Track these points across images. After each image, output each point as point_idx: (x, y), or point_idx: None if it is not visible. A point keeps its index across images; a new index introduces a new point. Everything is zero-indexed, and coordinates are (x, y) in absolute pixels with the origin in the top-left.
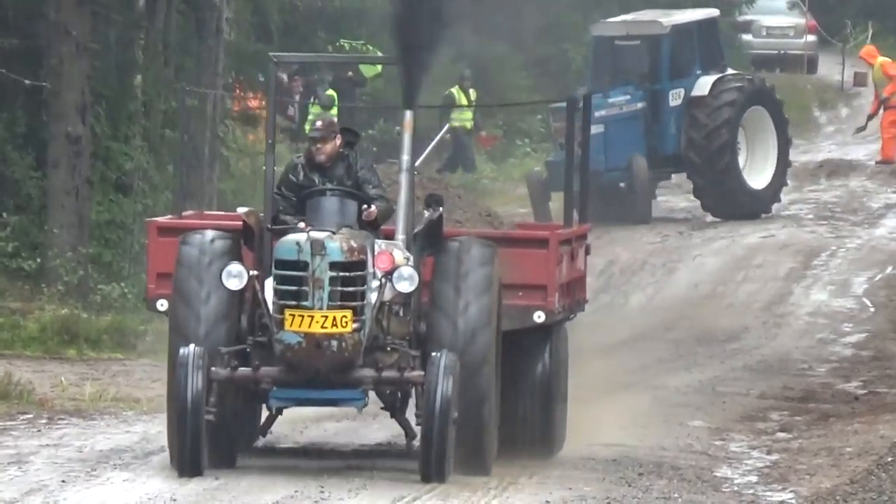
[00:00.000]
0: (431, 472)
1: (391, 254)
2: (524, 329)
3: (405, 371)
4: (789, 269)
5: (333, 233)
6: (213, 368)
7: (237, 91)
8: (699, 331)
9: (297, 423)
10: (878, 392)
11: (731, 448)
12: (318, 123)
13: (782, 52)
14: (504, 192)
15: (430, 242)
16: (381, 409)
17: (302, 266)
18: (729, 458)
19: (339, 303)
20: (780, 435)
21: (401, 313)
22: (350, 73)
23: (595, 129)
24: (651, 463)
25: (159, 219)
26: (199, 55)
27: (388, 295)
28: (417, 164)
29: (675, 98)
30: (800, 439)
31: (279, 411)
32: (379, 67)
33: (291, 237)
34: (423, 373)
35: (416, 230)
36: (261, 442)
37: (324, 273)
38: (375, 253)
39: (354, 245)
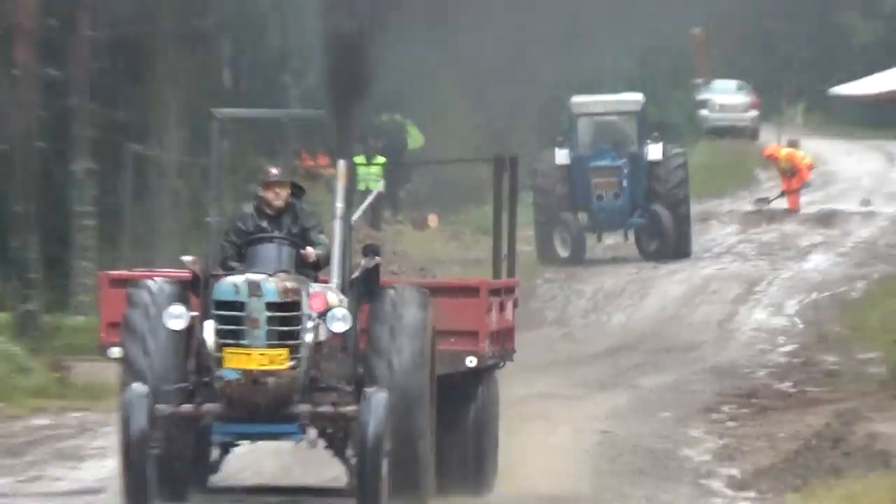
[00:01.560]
0: (367, 500)
1: (325, 296)
2: (457, 374)
3: (339, 407)
4: (736, 294)
5: (270, 275)
6: (158, 406)
7: (303, 155)
8: (666, 343)
9: (248, 461)
10: (806, 391)
11: (691, 434)
12: (274, 171)
13: (732, 124)
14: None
15: (367, 289)
16: (325, 448)
17: (239, 306)
18: (689, 441)
19: (275, 341)
20: (729, 423)
21: (338, 355)
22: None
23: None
24: (629, 445)
25: (111, 272)
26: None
27: (322, 334)
28: (353, 219)
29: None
30: (745, 427)
31: (227, 449)
32: (421, 140)
33: (230, 279)
34: (356, 408)
35: (353, 276)
36: (213, 480)
37: (260, 313)
38: (309, 294)
39: (289, 286)
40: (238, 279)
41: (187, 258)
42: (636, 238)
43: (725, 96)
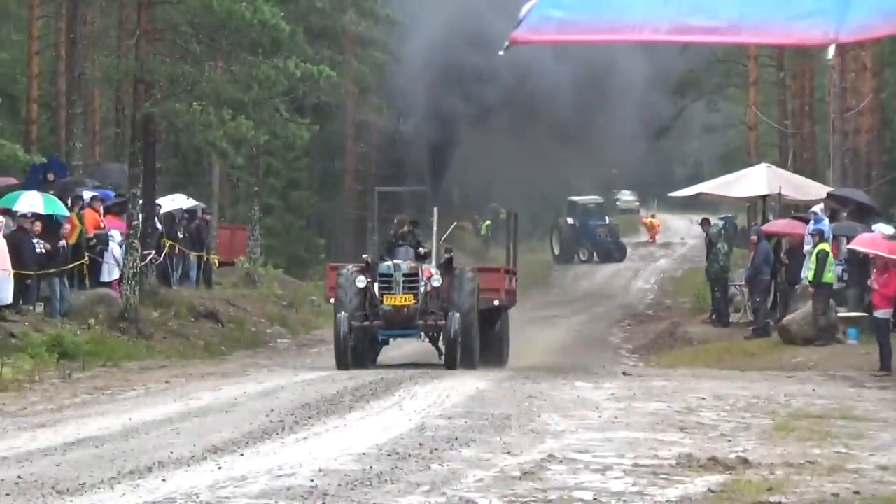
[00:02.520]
0: (451, 364)
1: (429, 270)
2: (489, 309)
3: (437, 321)
4: (631, 274)
5: (402, 262)
6: (353, 322)
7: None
8: (603, 294)
9: (395, 355)
10: (658, 314)
11: (612, 331)
12: (400, 217)
13: (629, 206)
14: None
15: (448, 268)
16: (427, 342)
17: (390, 275)
18: (611, 334)
19: (407, 291)
20: (627, 327)
21: (436, 298)
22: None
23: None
24: (587, 337)
25: (331, 263)
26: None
27: (429, 288)
28: (443, 238)
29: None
30: (633, 328)
31: (385, 342)
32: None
33: (386, 263)
34: (444, 322)
35: (441, 262)
36: (378, 361)
37: (399, 278)
38: (422, 270)
39: (412, 266)
40: (389, 263)
41: (365, 255)
42: (599, 254)
43: (627, 195)
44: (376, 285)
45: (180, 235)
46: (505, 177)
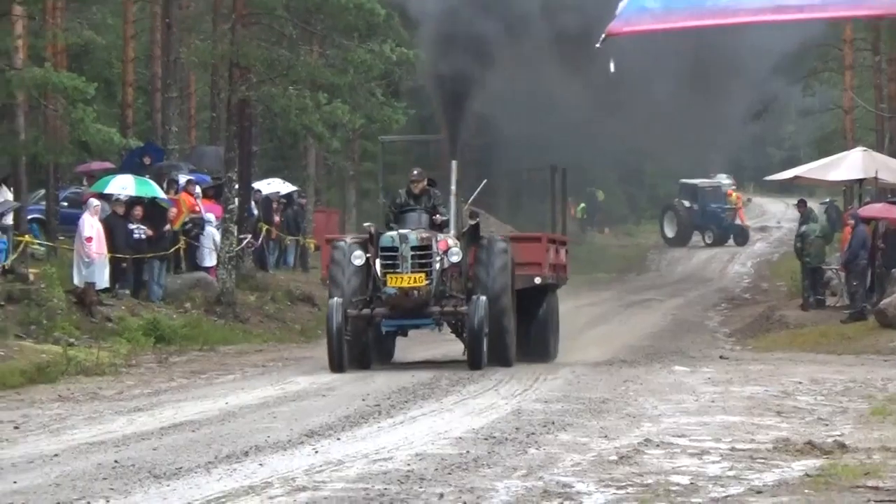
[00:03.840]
0: (474, 363)
1: (447, 241)
2: (530, 288)
3: (457, 307)
4: (727, 258)
5: (412, 230)
6: (349, 310)
7: None
8: (698, 278)
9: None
10: (755, 297)
11: (708, 314)
12: (416, 171)
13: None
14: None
15: (473, 237)
16: (451, 332)
17: (395, 249)
18: (707, 318)
19: (417, 269)
20: (724, 311)
21: (457, 277)
22: None
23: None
24: (683, 320)
25: (328, 235)
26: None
27: (446, 264)
28: (471, 199)
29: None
30: (730, 312)
31: (395, 335)
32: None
33: (389, 233)
34: (467, 308)
35: (463, 230)
36: (393, 358)
37: (407, 252)
38: (437, 241)
39: (424, 236)
40: (394, 233)
41: (367, 224)
42: (719, 237)
43: (724, 178)
44: (378, 262)
45: (277, 220)
46: (598, 157)
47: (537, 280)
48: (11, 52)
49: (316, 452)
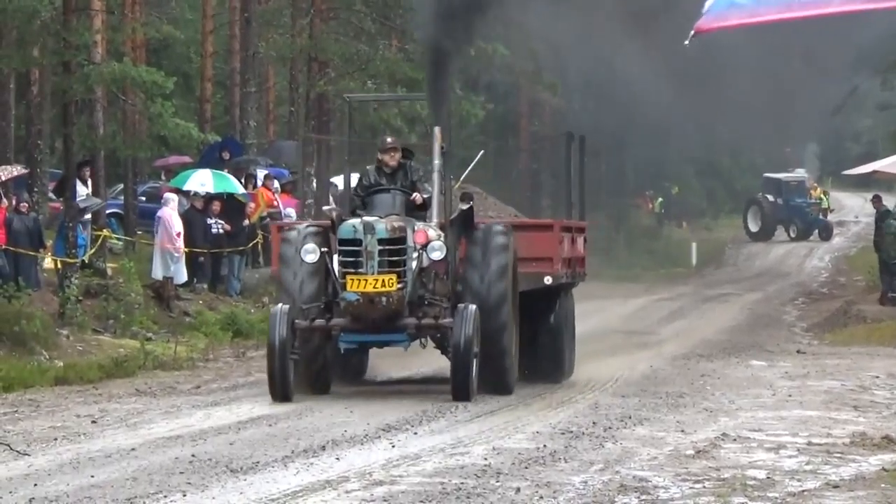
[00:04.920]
0: (459, 392)
1: (426, 231)
2: (539, 290)
3: (439, 318)
4: (804, 253)
5: (382, 217)
6: (297, 321)
7: None
8: (777, 273)
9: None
10: (832, 292)
11: (786, 309)
12: (389, 140)
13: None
14: None
15: (463, 227)
16: (435, 348)
17: (357, 242)
18: (785, 312)
19: (386, 269)
20: (803, 305)
21: (441, 279)
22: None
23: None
24: (761, 314)
25: (279, 222)
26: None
27: (425, 262)
28: (462, 178)
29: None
30: (808, 306)
31: (355, 351)
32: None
33: (350, 221)
34: (452, 319)
35: (452, 216)
36: (365, 375)
37: (374, 247)
38: (414, 231)
39: (396, 225)
40: (356, 221)
41: (327, 207)
42: (803, 231)
43: (801, 172)
44: (336, 259)
45: None
46: (675, 152)
47: (548, 280)
48: (90, 47)
49: (392, 447)
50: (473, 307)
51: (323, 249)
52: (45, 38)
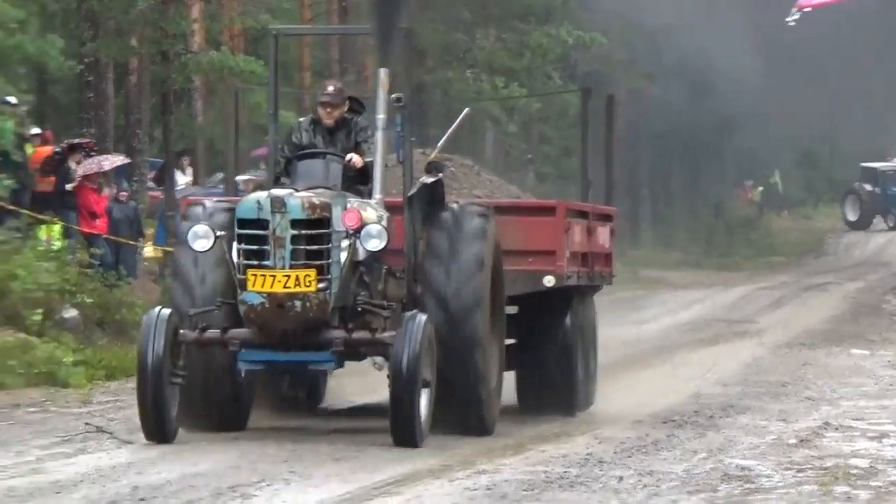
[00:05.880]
0: (401, 436)
1: (359, 211)
2: (544, 294)
3: (378, 332)
4: None
5: (296, 190)
6: (182, 331)
7: None
8: (876, 262)
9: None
10: None
11: (886, 298)
12: (330, 88)
13: None
14: None
15: (426, 207)
16: (374, 366)
17: (262, 224)
18: (886, 301)
19: (302, 261)
20: None
21: (396, 276)
22: None
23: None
24: (862, 304)
25: (190, 197)
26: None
27: (361, 254)
28: (440, 144)
29: None
30: None
31: (269, 373)
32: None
33: (252, 196)
34: (394, 333)
35: (411, 193)
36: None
37: (285, 231)
38: (346, 209)
39: (317, 202)
40: (261, 195)
41: (241, 177)
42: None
43: None
44: (236, 247)
45: None
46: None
47: (548, 281)
48: (188, 36)
49: (497, 436)
50: (423, 317)
51: (221, 233)
52: (143, 27)
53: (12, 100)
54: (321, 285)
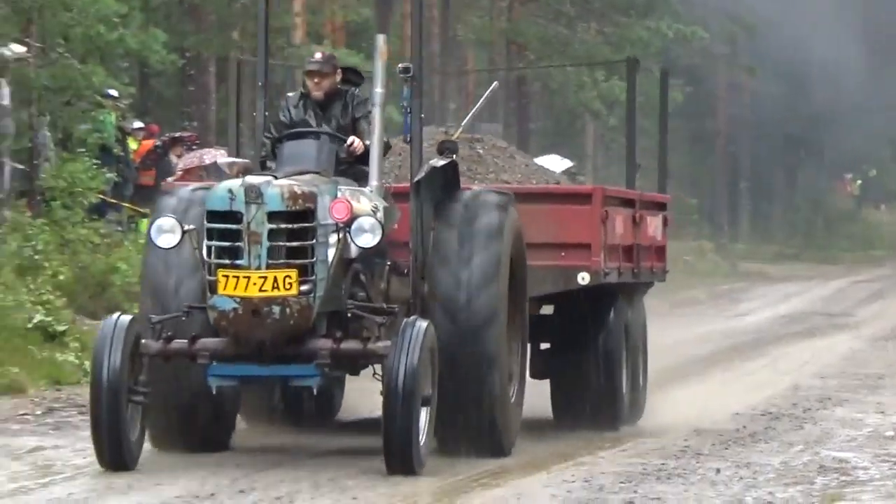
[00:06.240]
0: (395, 461)
1: (348, 202)
2: (583, 292)
3: (370, 342)
4: None
5: (275, 177)
6: (144, 341)
7: None
8: None
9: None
10: None
11: None
12: (318, 55)
13: None
14: None
15: (442, 193)
16: (375, 377)
17: (236, 217)
18: None
19: (281, 260)
20: None
21: (398, 274)
22: None
23: None
24: None
25: (175, 182)
26: None
27: (353, 252)
28: (465, 122)
29: None
30: None
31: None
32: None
33: (224, 184)
34: (389, 343)
35: (417, 178)
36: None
37: (261, 225)
38: (338, 198)
39: (299, 191)
40: (234, 183)
41: (224, 160)
42: None
43: None
44: (205, 244)
45: None
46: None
47: (583, 279)
48: (290, 30)
49: (596, 428)
50: (423, 324)
51: (190, 227)
52: (245, 21)
53: (114, 92)
54: (304, 288)
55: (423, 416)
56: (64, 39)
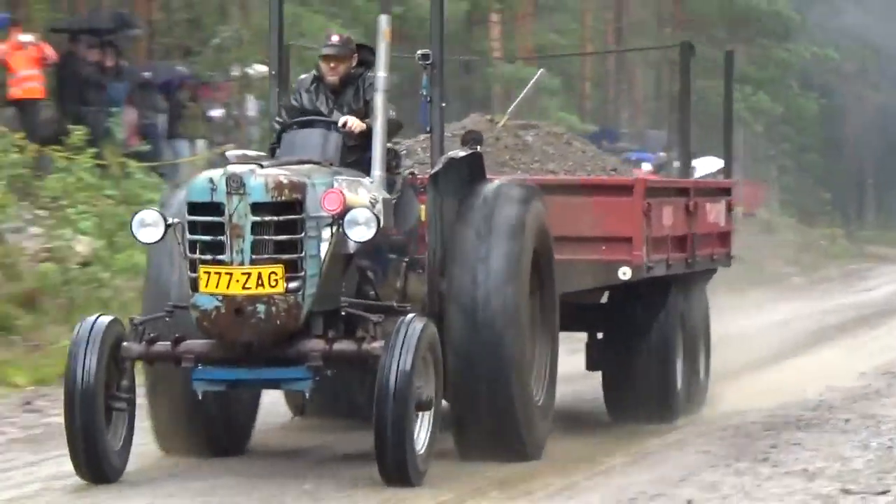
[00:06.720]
0: (389, 470)
1: (341, 192)
2: (635, 284)
3: (365, 343)
4: None
5: (261, 166)
6: (126, 344)
7: None
8: None
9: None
10: None
11: None
12: (334, 38)
13: None
14: None
15: (468, 184)
16: None
17: (217, 209)
18: None
19: (267, 255)
20: None
21: (416, 272)
22: None
23: None
24: None
25: None
26: None
27: (350, 247)
28: (511, 109)
29: None
30: None
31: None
32: None
33: (206, 174)
34: (380, 345)
35: (434, 170)
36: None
37: (243, 217)
38: (327, 189)
39: (285, 181)
40: (216, 172)
41: (232, 152)
42: None
43: None
44: (188, 238)
45: None
46: None
47: (623, 274)
48: (488, 52)
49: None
50: (421, 323)
51: (174, 220)
52: (449, 44)
53: None
54: (292, 285)
55: (422, 421)
56: None
